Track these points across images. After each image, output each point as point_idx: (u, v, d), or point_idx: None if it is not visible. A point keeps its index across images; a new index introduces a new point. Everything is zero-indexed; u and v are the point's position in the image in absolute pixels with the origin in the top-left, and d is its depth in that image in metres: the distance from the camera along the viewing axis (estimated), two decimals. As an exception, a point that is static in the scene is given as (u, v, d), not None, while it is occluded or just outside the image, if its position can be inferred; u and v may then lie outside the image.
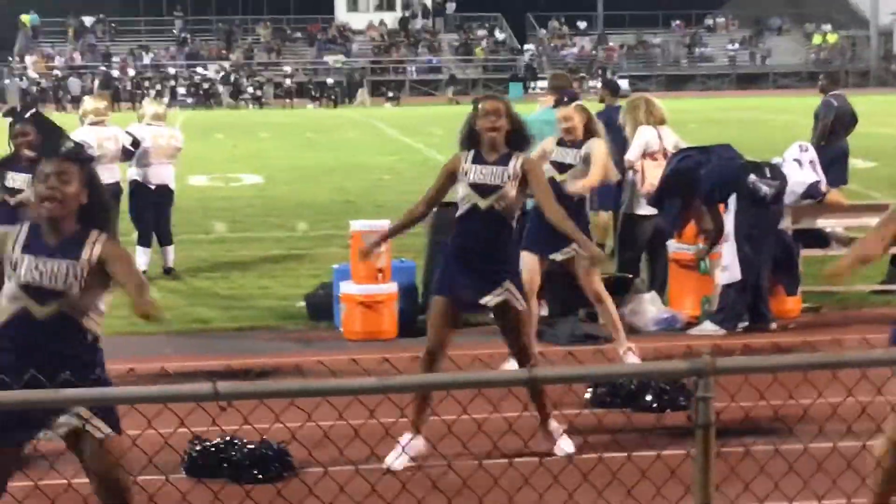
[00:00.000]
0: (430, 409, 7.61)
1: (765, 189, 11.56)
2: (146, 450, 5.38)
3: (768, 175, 11.68)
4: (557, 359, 10.01)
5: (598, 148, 10.39)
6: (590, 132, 10.46)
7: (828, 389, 5.01)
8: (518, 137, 8.12)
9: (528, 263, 9.90)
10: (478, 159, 8.04)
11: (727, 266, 11.61)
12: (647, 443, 6.83)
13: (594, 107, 15.02)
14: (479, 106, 8.12)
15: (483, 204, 7.94)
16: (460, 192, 8.05)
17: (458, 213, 8.07)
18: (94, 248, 5.63)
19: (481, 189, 7.96)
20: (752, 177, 11.60)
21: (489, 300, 7.92)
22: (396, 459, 7.63)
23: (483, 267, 7.92)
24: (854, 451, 5.42)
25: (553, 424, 8.03)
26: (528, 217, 10.03)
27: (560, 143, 10.50)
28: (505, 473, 5.81)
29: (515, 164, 7.99)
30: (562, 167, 10.35)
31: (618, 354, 10.24)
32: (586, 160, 10.32)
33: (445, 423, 4.81)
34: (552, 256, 10.14)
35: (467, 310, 8.23)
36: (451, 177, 8.13)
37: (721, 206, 11.76)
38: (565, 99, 10.66)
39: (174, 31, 77.89)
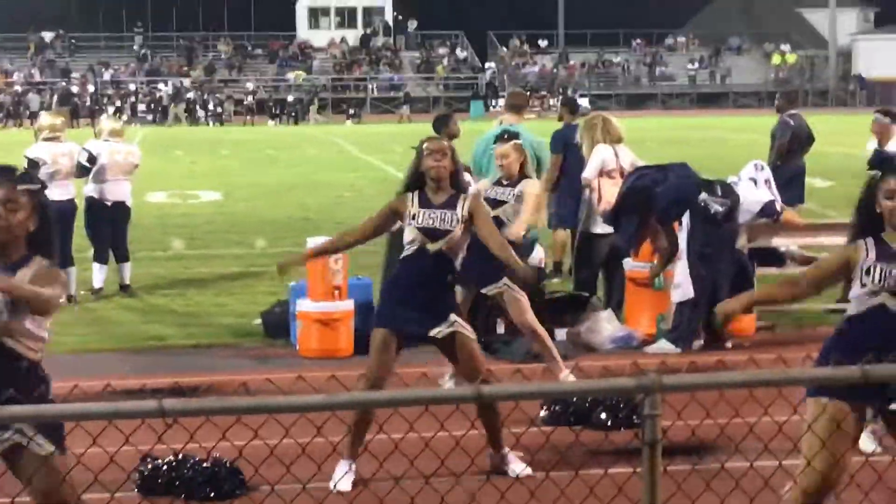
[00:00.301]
0: (365, 436, 7.57)
1: (715, 207, 11.59)
2: (92, 467, 5.35)
3: (720, 194, 11.71)
4: (506, 376, 10.02)
5: (531, 188, 10.48)
6: (524, 173, 10.54)
7: (773, 406, 5.03)
8: (460, 179, 8.19)
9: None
10: (424, 202, 8.03)
11: (679, 284, 11.64)
12: (595, 460, 6.83)
13: (553, 125, 15.08)
14: (424, 146, 8.13)
15: (432, 248, 7.96)
16: (408, 235, 8.01)
17: (405, 254, 8.05)
18: (26, 274, 5.61)
19: (430, 233, 7.96)
20: (704, 195, 11.64)
21: (439, 332, 7.91)
22: (341, 480, 7.59)
23: (429, 302, 7.93)
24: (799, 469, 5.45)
25: (505, 451, 7.98)
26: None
27: (497, 182, 10.60)
28: (452, 491, 5.80)
29: (463, 206, 8.02)
30: (496, 203, 10.43)
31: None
32: (519, 199, 10.42)
33: (392, 441, 4.80)
34: (484, 290, 10.25)
35: (411, 343, 8.21)
36: (394, 216, 8.13)
37: (676, 225, 11.79)
38: (505, 136, 10.71)
39: (134, 47, 77.68)
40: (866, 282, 5.79)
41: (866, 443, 7.63)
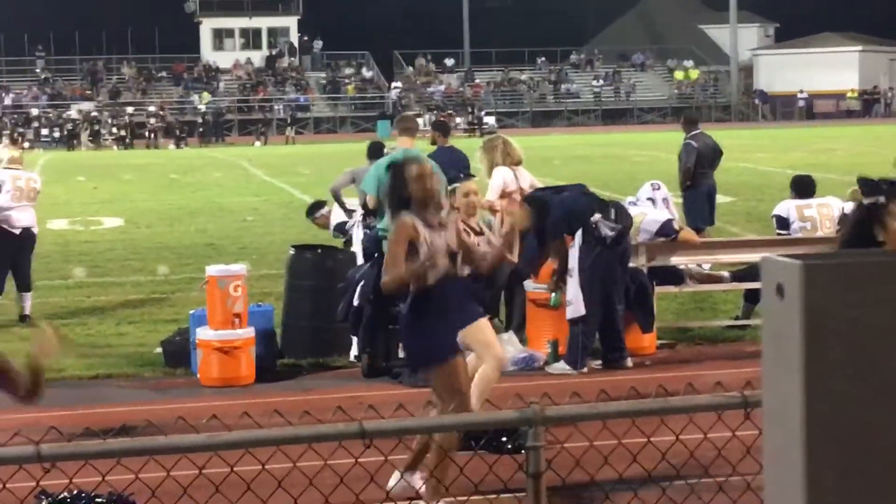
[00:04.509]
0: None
1: (606, 231, 11.55)
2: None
3: (613, 217, 11.68)
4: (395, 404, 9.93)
5: None
6: None
7: (655, 434, 5.06)
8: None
9: None
10: (429, 225, 7.74)
11: (571, 301, 11.61)
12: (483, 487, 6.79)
13: (459, 145, 15.15)
14: (411, 170, 7.82)
15: (452, 270, 7.84)
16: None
17: (430, 283, 7.75)
18: None
19: (451, 257, 7.84)
20: (597, 216, 11.61)
21: None
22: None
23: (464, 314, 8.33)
24: (684, 493, 5.48)
25: (417, 476, 7.95)
26: None
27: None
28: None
29: (452, 223, 7.93)
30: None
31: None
32: None
33: (275, 478, 4.77)
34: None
35: None
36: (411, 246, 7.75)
37: (568, 239, 11.75)
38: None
39: (36, 70, 76.84)
40: None
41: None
